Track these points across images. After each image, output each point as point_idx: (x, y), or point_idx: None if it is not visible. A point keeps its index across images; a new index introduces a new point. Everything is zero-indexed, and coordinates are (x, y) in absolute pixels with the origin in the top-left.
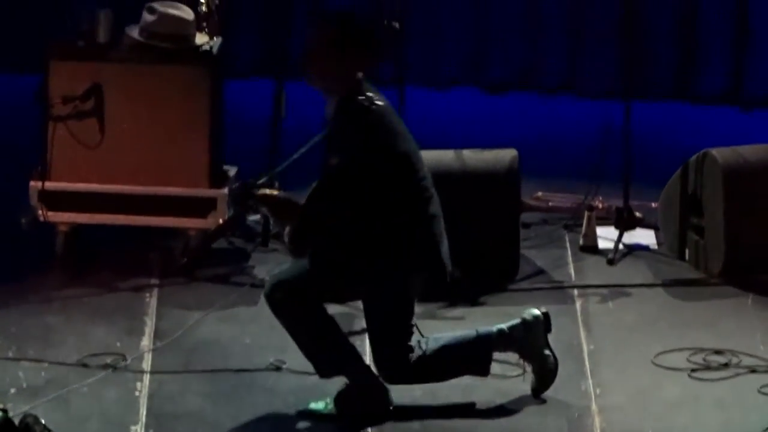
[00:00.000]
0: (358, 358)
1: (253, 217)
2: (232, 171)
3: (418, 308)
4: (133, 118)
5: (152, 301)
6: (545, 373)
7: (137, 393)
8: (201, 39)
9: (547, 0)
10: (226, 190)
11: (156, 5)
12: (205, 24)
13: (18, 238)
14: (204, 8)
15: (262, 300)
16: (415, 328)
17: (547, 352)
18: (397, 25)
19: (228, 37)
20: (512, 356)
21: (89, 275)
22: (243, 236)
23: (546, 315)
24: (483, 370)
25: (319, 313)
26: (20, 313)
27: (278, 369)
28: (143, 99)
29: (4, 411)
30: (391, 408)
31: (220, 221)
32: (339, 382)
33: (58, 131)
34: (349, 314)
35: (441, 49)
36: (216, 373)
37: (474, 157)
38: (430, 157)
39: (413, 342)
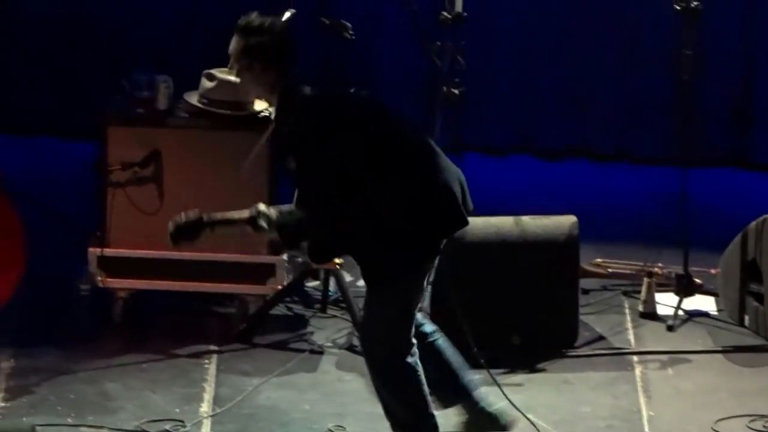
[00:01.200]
0: (435, 426)
1: (312, 284)
2: None
3: (477, 374)
4: (192, 184)
5: (211, 367)
6: None
7: None
8: (260, 105)
9: (600, 67)
10: (285, 257)
11: (215, 72)
12: None
13: (77, 304)
14: None
15: (321, 366)
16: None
17: None
18: (457, 92)
19: None
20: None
21: (148, 341)
22: (302, 302)
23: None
24: None
25: (417, 373)
26: (79, 380)
27: None
28: (202, 165)
29: None
30: None
31: (279, 287)
32: None
33: (116, 197)
34: None
35: (496, 117)
36: None
37: (533, 223)
38: (489, 223)
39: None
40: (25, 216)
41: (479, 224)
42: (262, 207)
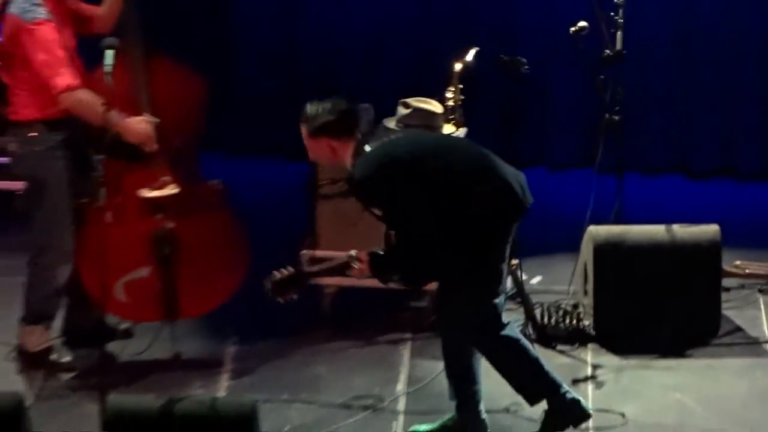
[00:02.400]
0: (557, 384)
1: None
2: None
3: (633, 360)
4: None
5: (406, 352)
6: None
7: (393, 431)
8: (448, 129)
9: (748, 97)
10: None
11: (409, 101)
12: (452, 116)
13: (291, 300)
14: (451, 103)
15: None
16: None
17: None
18: (617, 119)
19: (471, 127)
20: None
21: (352, 331)
22: None
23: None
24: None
25: (518, 342)
26: (293, 364)
27: (509, 411)
28: None
29: None
30: (591, 416)
31: None
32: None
33: (325, 208)
34: None
35: (652, 141)
36: None
37: (681, 231)
38: (644, 231)
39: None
40: (248, 224)
41: (635, 232)
42: (353, 252)
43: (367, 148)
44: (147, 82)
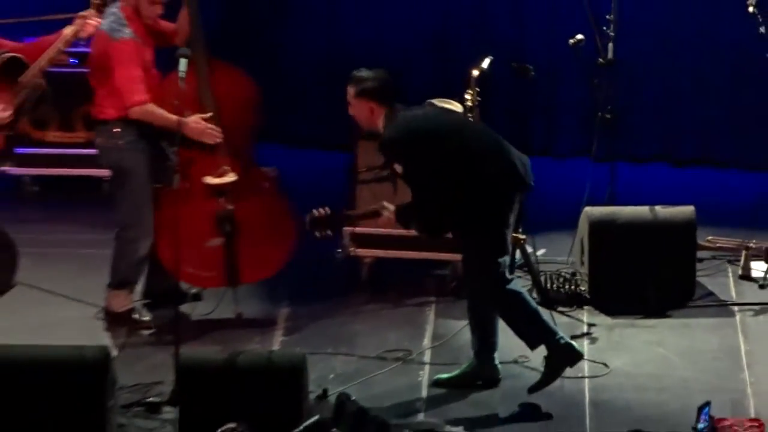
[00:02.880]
0: (552, 330)
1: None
2: None
3: (621, 319)
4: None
5: (431, 313)
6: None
7: (419, 379)
8: None
9: (725, 98)
10: None
11: (434, 101)
12: (470, 115)
13: (335, 267)
14: (469, 103)
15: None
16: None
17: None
18: (609, 116)
19: (486, 124)
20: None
21: (385, 295)
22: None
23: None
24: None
25: (519, 295)
26: (336, 322)
27: (517, 362)
28: None
29: (325, 390)
30: (584, 356)
31: None
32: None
33: (363, 191)
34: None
35: (641, 135)
36: None
37: (663, 211)
38: (632, 211)
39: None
40: (297, 205)
41: (625, 212)
42: (385, 203)
43: (402, 113)
44: (211, 84)
